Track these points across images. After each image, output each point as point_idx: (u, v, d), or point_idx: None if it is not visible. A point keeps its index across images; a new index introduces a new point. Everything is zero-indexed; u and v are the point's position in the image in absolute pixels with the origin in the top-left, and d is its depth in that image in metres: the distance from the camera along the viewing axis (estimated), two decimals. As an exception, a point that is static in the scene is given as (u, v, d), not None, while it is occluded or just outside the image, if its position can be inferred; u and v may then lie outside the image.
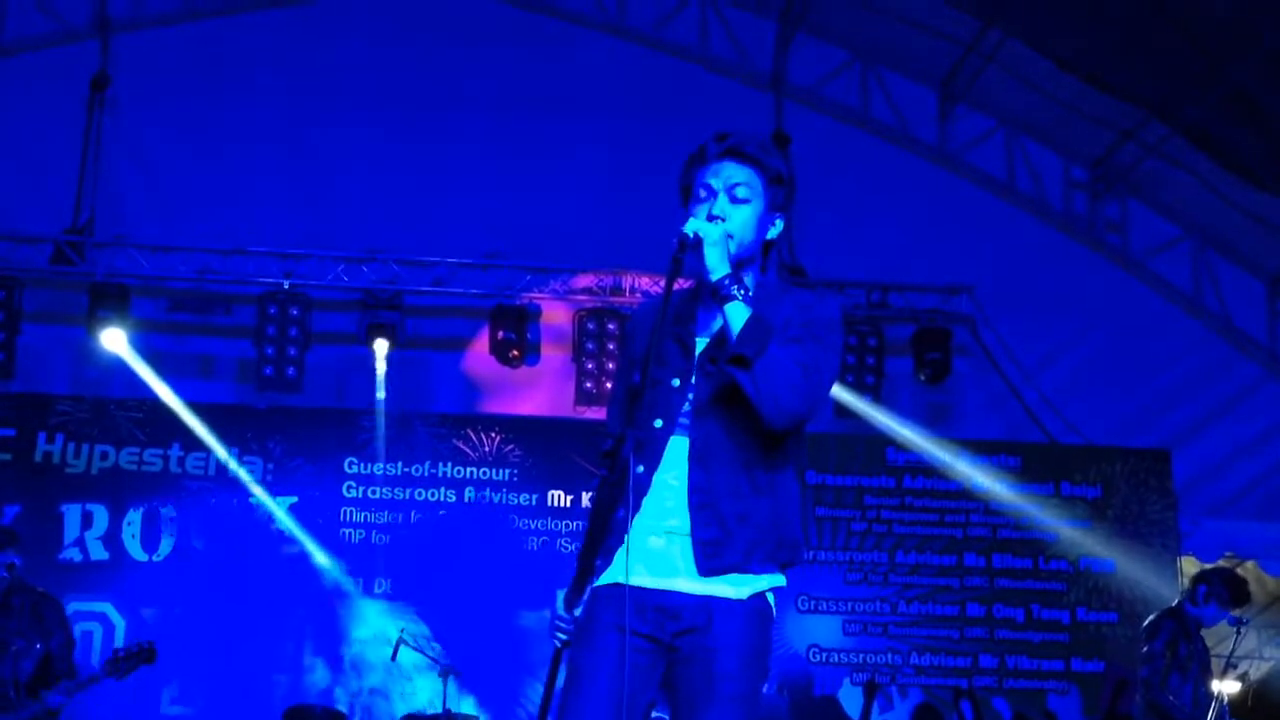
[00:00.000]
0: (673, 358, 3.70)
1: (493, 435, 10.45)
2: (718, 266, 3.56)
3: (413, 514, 10.23)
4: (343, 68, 10.98)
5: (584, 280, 10.68)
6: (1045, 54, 10.70)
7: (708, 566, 3.59)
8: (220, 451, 10.11)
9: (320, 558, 10.03)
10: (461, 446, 10.40)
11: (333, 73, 10.96)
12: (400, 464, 10.29)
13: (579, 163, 10.98)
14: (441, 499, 10.30)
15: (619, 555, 3.63)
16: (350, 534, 10.17)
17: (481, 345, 10.66)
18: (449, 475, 10.34)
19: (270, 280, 10.41)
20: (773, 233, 3.79)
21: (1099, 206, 11.79)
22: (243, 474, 10.12)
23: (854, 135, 11.57)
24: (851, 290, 10.97)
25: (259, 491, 10.10)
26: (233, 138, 10.75)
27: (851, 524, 10.65)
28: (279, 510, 10.09)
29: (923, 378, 10.92)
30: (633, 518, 3.58)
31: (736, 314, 3.53)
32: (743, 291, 3.55)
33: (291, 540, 10.08)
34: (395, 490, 10.25)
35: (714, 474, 3.62)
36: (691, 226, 3.57)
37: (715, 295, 3.57)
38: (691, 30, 11.57)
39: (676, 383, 3.68)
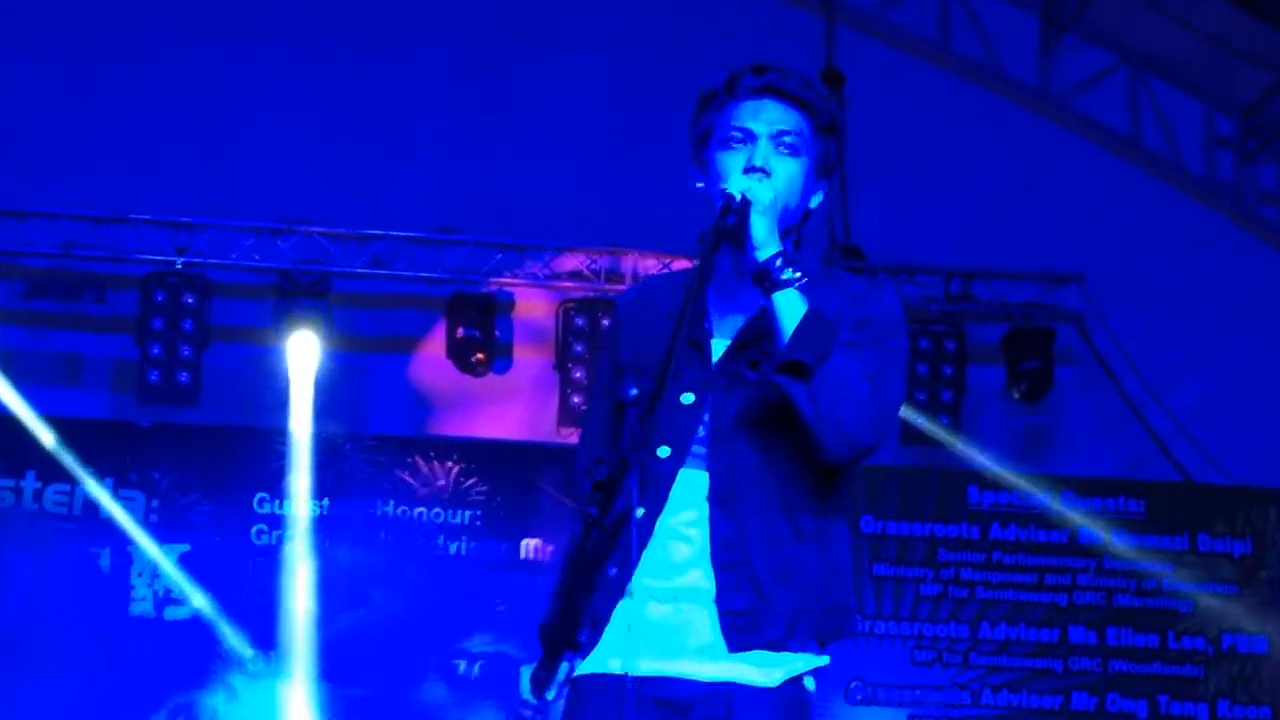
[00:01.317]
0: (681, 364, 3.61)
1: (449, 465, 10.46)
2: (766, 241, 3.53)
3: (342, 568, 10.18)
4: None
5: (571, 261, 10.68)
6: (1180, -32, 10.75)
7: (740, 642, 3.56)
8: (90, 483, 10.10)
9: (220, 625, 10.01)
10: (407, 479, 10.41)
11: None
12: (327, 501, 10.27)
13: (565, 108, 10.98)
14: (380, 547, 10.28)
15: (611, 630, 3.61)
16: (258, 594, 10.13)
17: (436, 345, 10.70)
18: (391, 516, 10.35)
19: (158, 258, 10.40)
20: (815, 200, 3.79)
21: (1250, 170, 11.79)
22: (119, 512, 10.11)
23: (929, 73, 11.59)
24: (924, 278, 10.98)
25: (140, 536, 10.09)
26: (111, 74, 10.77)
27: (921, 586, 10.64)
28: (166, 561, 10.08)
29: (1016, 394, 10.92)
30: (629, 578, 3.54)
31: (790, 307, 3.50)
32: (799, 276, 3.51)
33: (181, 600, 10.07)
34: (320, 536, 10.21)
35: (744, 519, 3.59)
36: (738, 185, 3.54)
37: (761, 280, 3.53)
38: (716, -66, 11.59)
39: (689, 399, 3.64)
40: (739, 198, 3.51)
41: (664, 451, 3.61)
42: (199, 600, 10.05)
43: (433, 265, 10.62)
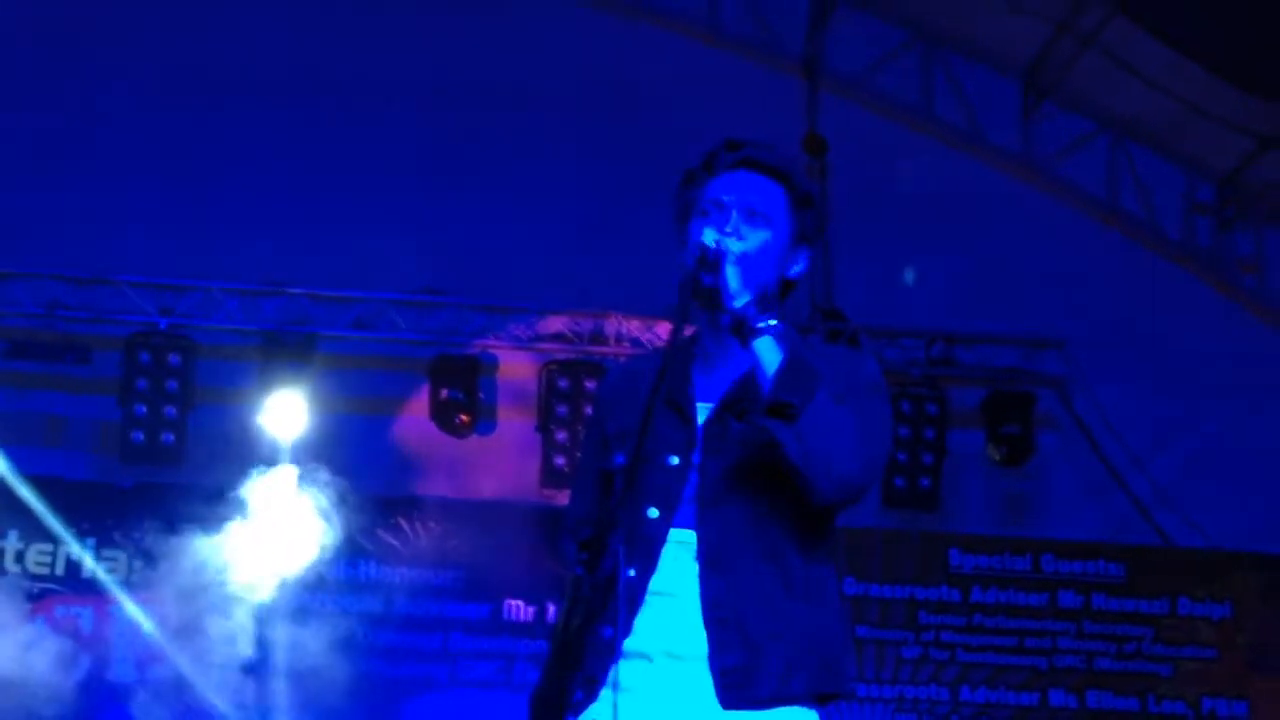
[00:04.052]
0: (665, 428, 3.69)
1: (431, 525, 10.54)
2: (740, 291, 3.59)
3: (324, 628, 10.22)
4: (237, 46, 11.09)
5: (554, 324, 10.83)
6: (1160, 37, 10.84)
7: (733, 699, 3.58)
8: (71, 543, 10.18)
9: (201, 689, 9.96)
10: (390, 539, 10.50)
11: (224, 52, 11.07)
12: (311, 561, 10.15)
13: (549, 171, 11.09)
14: (363, 608, 10.39)
15: (605, 694, 3.61)
16: (240, 655, 9.95)
17: (419, 406, 10.75)
18: (373, 577, 10.45)
19: (142, 318, 10.55)
20: (795, 269, 3.86)
21: (1229, 236, 11.92)
22: (101, 573, 10.19)
23: (911, 139, 11.74)
24: (906, 341, 11.13)
25: (122, 596, 10.13)
26: (94, 134, 10.89)
27: (903, 649, 10.74)
28: (148, 622, 10.09)
29: (997, 457, 11.02)
30: (622, 638, 3.59)
31: (770, 352, 3.56)
32: (775, 323, 3.58)
33: (163, 661, 10.05)
34: (301, 597, 10.20)
35: (735, 578, 3.64)
36: (711, 236, 3.63)
37: (739, 330, 3.61)
38: (698, -1, 11.77)
39: (675, 460, 3.70)
40: (713, 247, 3.60)
41: (653, 513, 3.66)
42: (180, 662, 10.06)
43: (416, 327, 10.76)
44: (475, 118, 11.18)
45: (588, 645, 3.54)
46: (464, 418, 10.63)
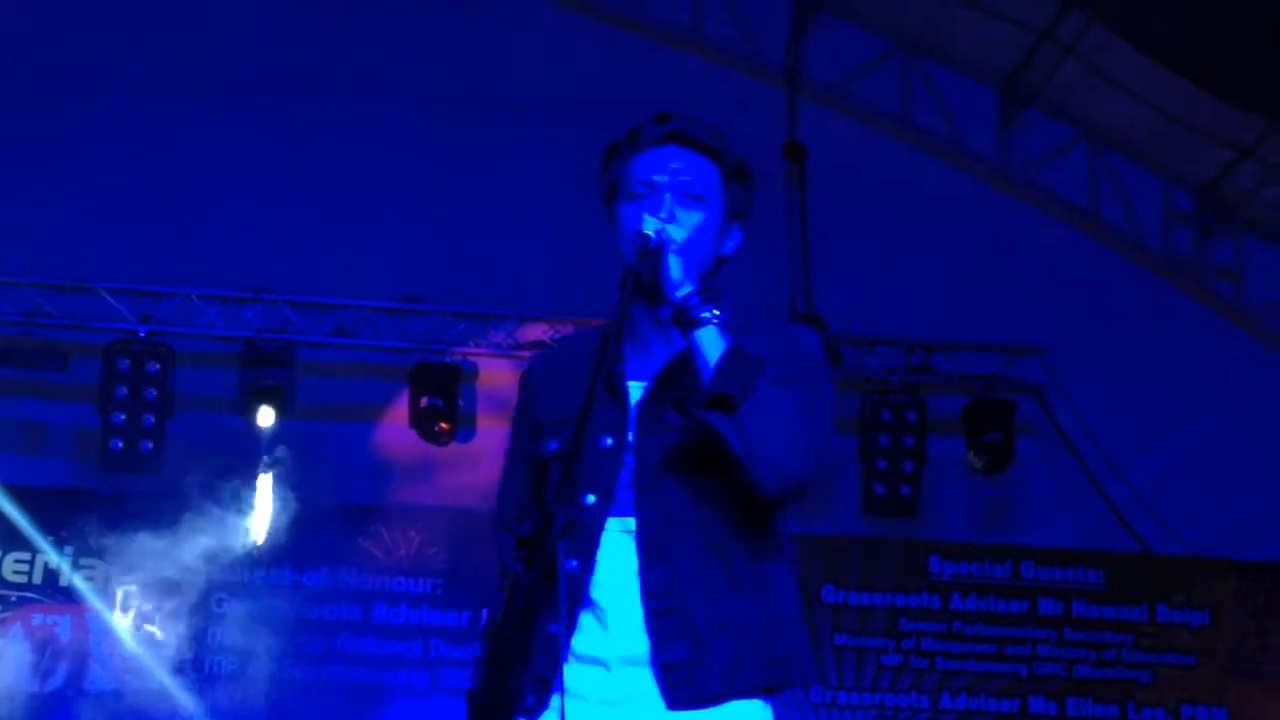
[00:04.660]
0: (598, 408, 3.53)
1: (411, 533, 10.56)
2: (683, 280, 3.55)
3: (304, 636, 10.27)
4: (218, 52, 11.13)
5: (535, 331, 10.80)
6: (1140, 46, 10.89)
7: (677, 697, 3.51)
8: (49, 551, 10.18)
9: (180, 697, 10.03)
10: (369, 547, 10.51)
11: (206, 58, 11.10)
12: (289, 570, 10.36)
13: (529, 177, 11.12)
14: (342, 617, 10.41)
15: (554, 698, 3.52)
16: (220, 663, 10.21)
17: (399, 414, 10.75)
18: (352, 585, 10.45)
19: (121, 326, 10.53)
20: (729, 246, 3.81)
21: (1208, 245, 11.97)
22: (79, 582, 10.17)
23: (890, 147, 11.77)
24: (885, 349, 11.12)
25: (100, 605, 10.13)
26: (73, 140, 10.91)
27: (882, 657, 10.77)
28: (126, 630, 10.11)
29: (977, 465, 11.03)
30: (569, 635, 3.54)
31: (711, 343, 3.50)
32: (718, 313, 3.53)
33: (141, 671, 10.09)
34: (281, 604, 10.27)
35: (676, 566, 3.55)
36: (652, 225, 3.58)
37: (680, 319, 3.55)
38: (681, 6, 11.78)
39: (609, 441, 3.63)
40: (653, 237, 3.55)
41: (590, 498, 3.57)
42: (159, 671, 10.08)
43: (397, 334, 10.76)
44: (457, 124, 11.22)
45: (534, 643, 3.53)
46: (444, 425, 10.61)
